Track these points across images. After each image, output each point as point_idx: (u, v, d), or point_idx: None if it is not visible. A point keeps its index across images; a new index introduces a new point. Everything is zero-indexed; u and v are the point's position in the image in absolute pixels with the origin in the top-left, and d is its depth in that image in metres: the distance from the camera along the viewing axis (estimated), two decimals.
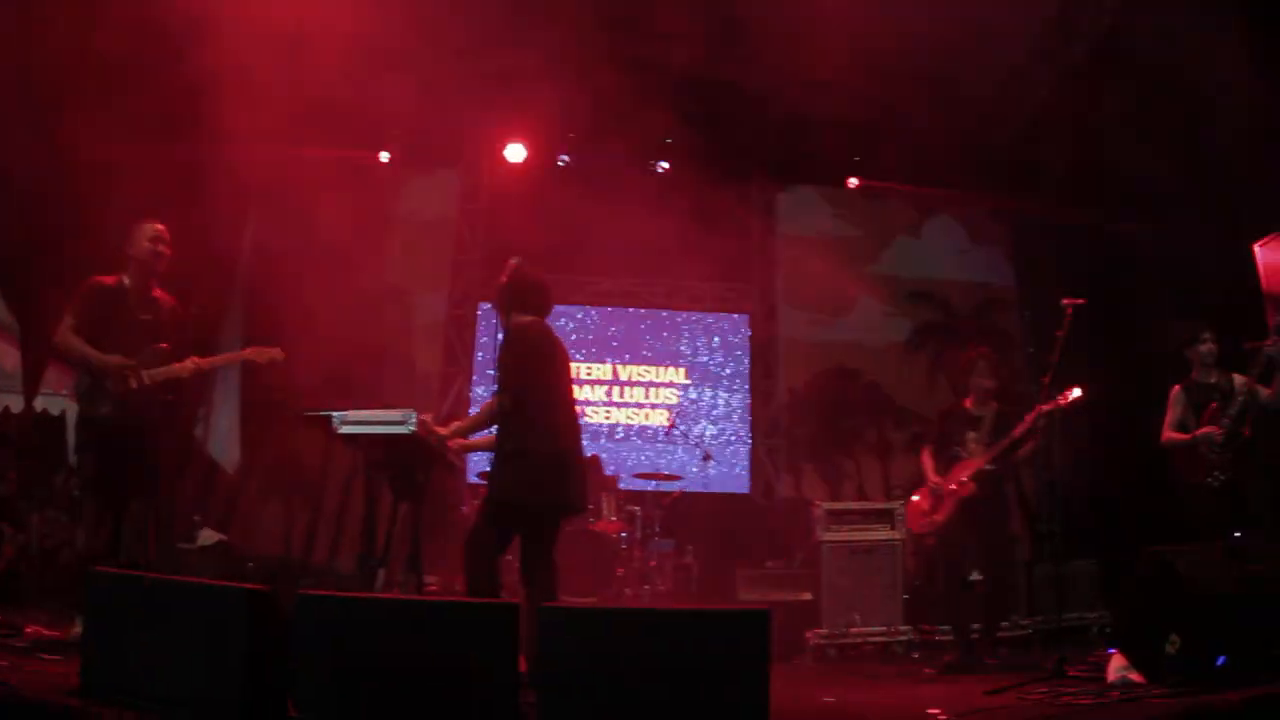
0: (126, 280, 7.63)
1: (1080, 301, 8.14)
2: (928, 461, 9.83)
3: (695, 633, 4.84)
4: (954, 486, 9.37)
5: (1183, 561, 6.46)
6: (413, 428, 6.82)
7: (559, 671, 4.70)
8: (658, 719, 4.63)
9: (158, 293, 7.77)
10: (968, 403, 9.75)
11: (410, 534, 7.62)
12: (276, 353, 7.96)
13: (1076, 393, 8.71)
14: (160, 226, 7.72)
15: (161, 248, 7.67)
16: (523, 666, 4.98)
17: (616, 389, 16.29)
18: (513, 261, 6.97)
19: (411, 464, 7.34)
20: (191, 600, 5.11)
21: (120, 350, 7.44)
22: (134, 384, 7.34)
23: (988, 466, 9.26)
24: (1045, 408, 8.77)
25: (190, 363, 7.61)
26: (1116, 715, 5.66)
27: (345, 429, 6.97)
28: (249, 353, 7.91)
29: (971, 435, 9.50)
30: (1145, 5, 11.55)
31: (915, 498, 9.99)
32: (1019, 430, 9.09)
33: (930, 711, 6.16)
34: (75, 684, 5.11)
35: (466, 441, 7.49)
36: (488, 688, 4.71)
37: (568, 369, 7.46)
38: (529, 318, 7.21)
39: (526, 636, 4.89)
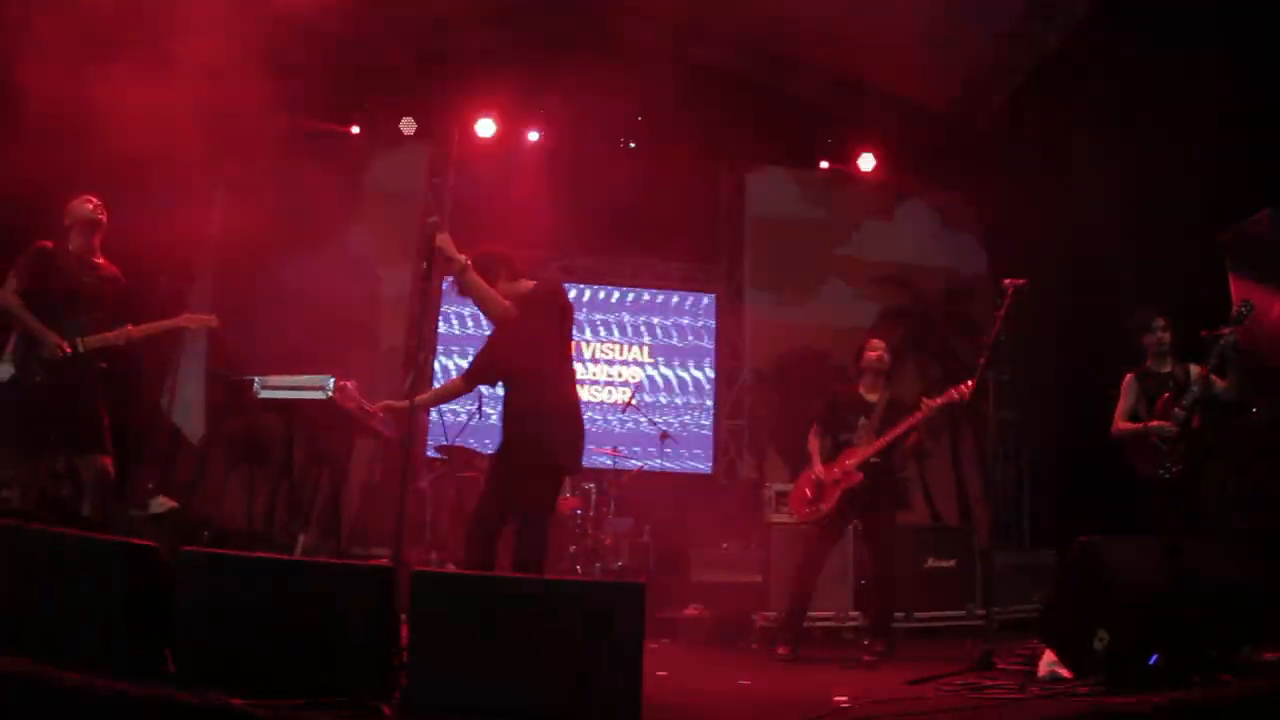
0: (70, 246, 7.68)
1: (1021, 282, 7.95)
2: (814, 445, 9.44)
3: (574, 603, 4.88)
4: (838, 477, 9.03)
5: (1115, 554, 6.30)
6: (330, 394, 6.81)
7: (432, 634, 4.77)
8: (533, 683, 4.68)
9: (100, 259, 7.81)
10: (860, 387, 9.39)
11: (330, 499, 7.61)
12: (211, 319, 7.99)
13: (965, 389, 8.51)
14: (95, 198, 7.79)
15: (99, 213, 7.74)
16: None
17: (579, 365, 16.10)
18: (433, 219, 6.92)
19: (330, 430, 7.31)
20: (79, 554, 5.14)
21: (61, 313, 7.49)
22: (68, 351, 7.31)
23: (874, 459, 8.94)
24: (934, 403, 8.67)
25: (125, 331, 7.59)
26: (1025, 711, 5.55)
27: (265, 393, 7.06)
28: (183, 319, 7.92)
29: (862, 422, 9.14)
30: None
31: (805, 487, 9.37)
32: (905, 425, 8.84)
33: (836, 699, 6.07)
34: None
35: (394, 403, 7.44)
36: (361, 647, 4.77)
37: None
38: (533, 280, 7.13)
39: None
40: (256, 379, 7.08)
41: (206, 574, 4.96)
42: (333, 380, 6.89)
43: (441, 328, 16.07)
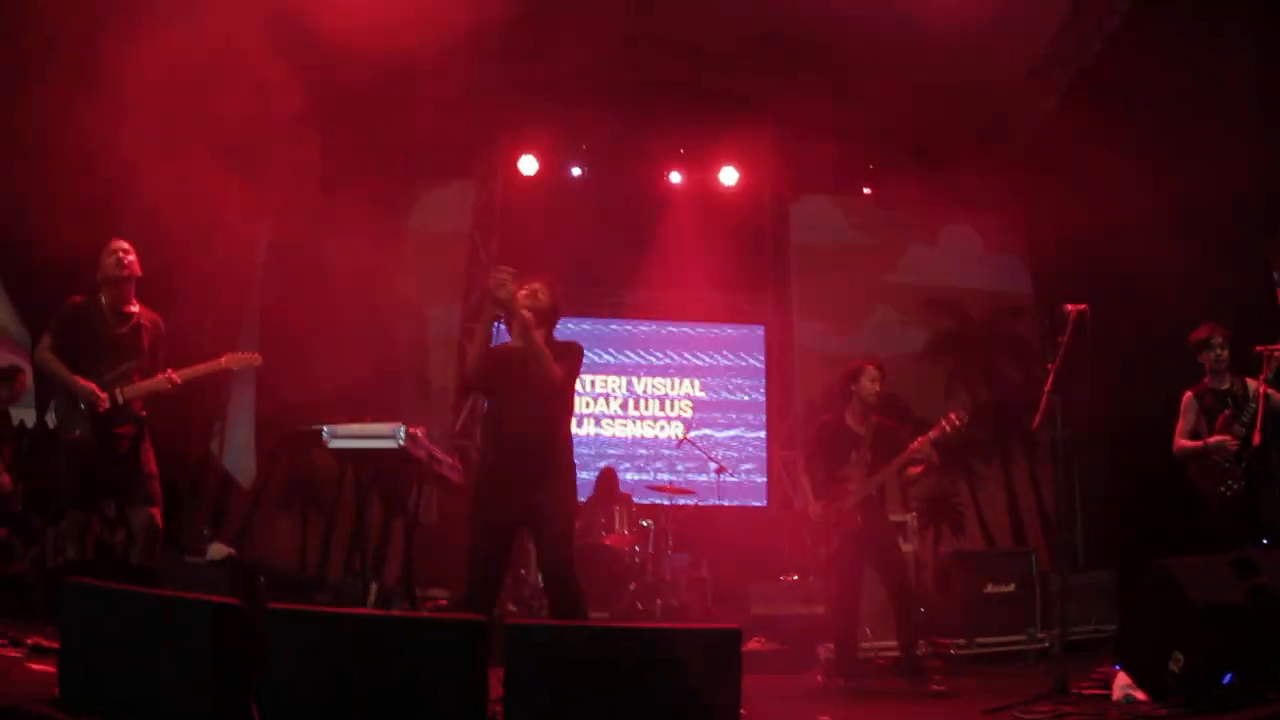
0: (103, 298, 7.60)
1: (1083, 306, 7.85)
2: (805, 483, 9.21)
3: (669, 651, 4.78)
4: (835, 519, 8.71)
5: (1187, 574, 6.24)
6: (402, 442, 6.77)
7: (527, 687, 4.68)
8: None
9: (134, 307, 7.72)
10: (847, 416, 9.00)
11: (403, 548, 7.57)
12: (254, 358, 7.87)
13: (954, 419, 8.37)
14: (123, 242, 7.66)
15: (127, 260, 7.60)
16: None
17: (631, 402, 16.23)
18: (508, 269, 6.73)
19: (401, 479, 7.28)
20: (162, 613, 5.09)
21: (98, 365, 7.46)
22: (107, 404, 7.30)
23: (871, 496, 8.67)
24: (931, 436, 8.39)
25: (167, 376, 7.55)
26: None
27: (334, 443, 6.98)
28: (225, 360, 7.81)
29: (853, 456, 8.78)
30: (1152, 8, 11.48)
31: (804, 528, 9.34)
32: (897, 462, 8.50)
33: None
34: (55, 694, 5.11)
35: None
36: (455, 703, 4.69)
37: None
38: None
39: None
40: (325, 428, 7.02)
41: (295, 631, 4.92)
42: (404, 429, 6.85)
43: None
